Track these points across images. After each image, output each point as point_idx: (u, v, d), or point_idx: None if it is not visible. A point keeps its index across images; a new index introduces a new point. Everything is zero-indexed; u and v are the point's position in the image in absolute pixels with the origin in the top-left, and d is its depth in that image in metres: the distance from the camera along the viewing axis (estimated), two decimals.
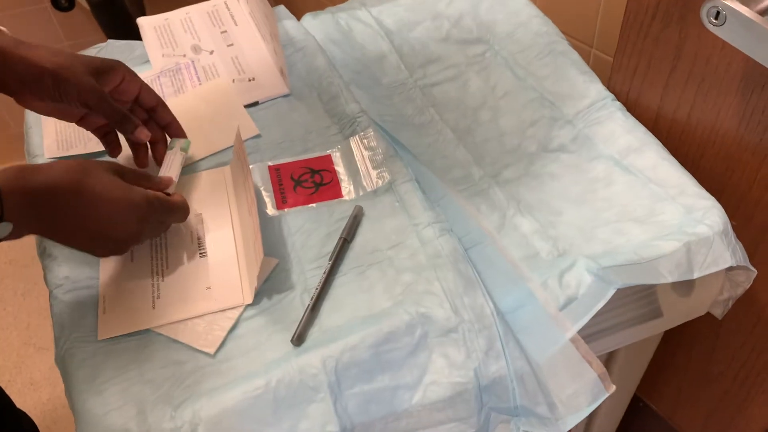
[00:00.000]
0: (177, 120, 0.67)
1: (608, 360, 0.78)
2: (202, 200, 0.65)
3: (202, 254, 0.60)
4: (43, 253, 0.62)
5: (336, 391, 0.51)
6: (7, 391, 0.84)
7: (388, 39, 0.84)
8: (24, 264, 1.61)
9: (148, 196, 0.56)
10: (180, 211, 0.60)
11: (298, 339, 0.53)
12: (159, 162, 0.65)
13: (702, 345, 0.83)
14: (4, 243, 0.50)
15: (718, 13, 0.51)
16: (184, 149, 0.66)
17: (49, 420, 1.31)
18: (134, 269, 0.59)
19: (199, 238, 0.61)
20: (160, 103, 0.66)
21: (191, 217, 0.62)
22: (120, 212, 0.53)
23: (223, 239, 0.61)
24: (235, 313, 0.56)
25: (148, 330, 0.55)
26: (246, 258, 0.59)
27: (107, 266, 0.59)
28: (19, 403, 0.89)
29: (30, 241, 0.60)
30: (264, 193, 0.66)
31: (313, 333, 0.53)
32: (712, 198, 0.63)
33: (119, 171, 0.55)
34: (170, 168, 0.64)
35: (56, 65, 0.58)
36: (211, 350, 0.53)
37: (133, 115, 0.64)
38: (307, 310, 0.54)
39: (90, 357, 0.54)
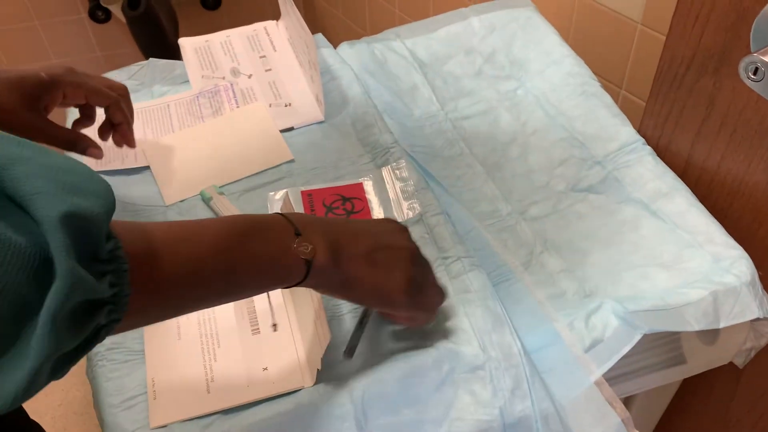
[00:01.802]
0: (129, 119, 0.66)
1: (626, 403, 0.78)
2: None
3: (255, 331, 0.57)
4: None
5: (362, 421, 0.51)
6: None
7: (422, 71, 0.85)
8: None
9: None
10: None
11: (349, 352, 0.53)
12: (120, 143, 0.67)
13: (721, 392, 0.83)
14: None
15: (756, 69, 0.52)
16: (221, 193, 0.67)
17: (60, 426, 1.32)
18: (184, 348, 0.56)
19: (250, 313, 0.58)
20: (113, 103, 0.65)
21: None
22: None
23: (277, 315, 0.58)
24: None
25: None
26: (304, 337, 0.55)
27: (152, 345, 0.56)
28: (32, 408, 0.89)
29: None
30: None
31: (342, 364, 0.54)
32: (740, 248, 0.63)
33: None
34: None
35: None
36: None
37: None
38: (357, 325, 0.54)
39: (121, 371, 0.55)
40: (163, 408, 0.52)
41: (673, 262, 0.64)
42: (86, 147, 0.63)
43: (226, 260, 0.40)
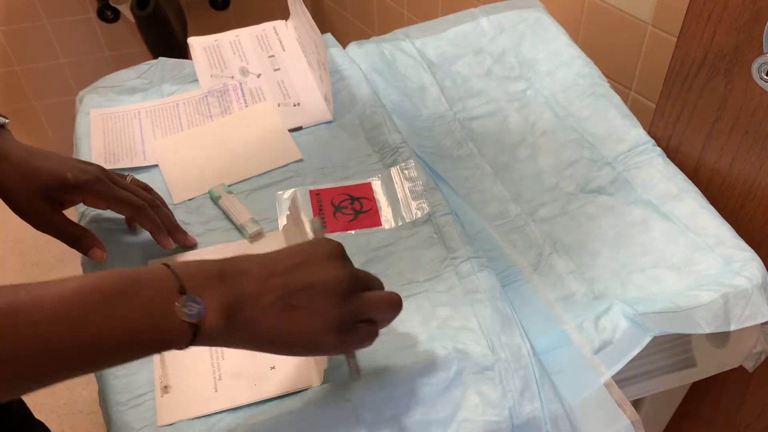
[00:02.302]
0: (158, 226, 0.62)
1: (635, 405, 0.78)
2: None
3: None
4: (86, 262, 0.63)
5: (368, 421, 0.51)
6: (26, 395, 0.85)
7: (430, 71, 0.85)
8: (49, 267, 1.63)
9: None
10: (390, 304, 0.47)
11: (356, 373, 0.50)
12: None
13: (731, 396, 0.82)
14: (29, 244, 0.49)
15: None
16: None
17: (66, 425, 1.32)
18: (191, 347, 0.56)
19: None
20: (137, 212, 0.61)
21: None
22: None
23: None
24: None
25: None
26: None
27: None
28: (37, 406, 0.89)
29: (56, 244, 0.61)
30: (304, 218, 0.67)
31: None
32: (751, 250, 0.63)
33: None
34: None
35: (5, 188, 0.57)
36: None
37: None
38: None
39: (128, 369, 0.54)
40: (171, 406, 0.52)
41: (684, 264, 0.63)
42: (90, 247, 0.60)
43: (80, 329, 0.36)
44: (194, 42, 0.85)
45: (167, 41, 1.40)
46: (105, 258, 0.61)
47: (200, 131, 0.75)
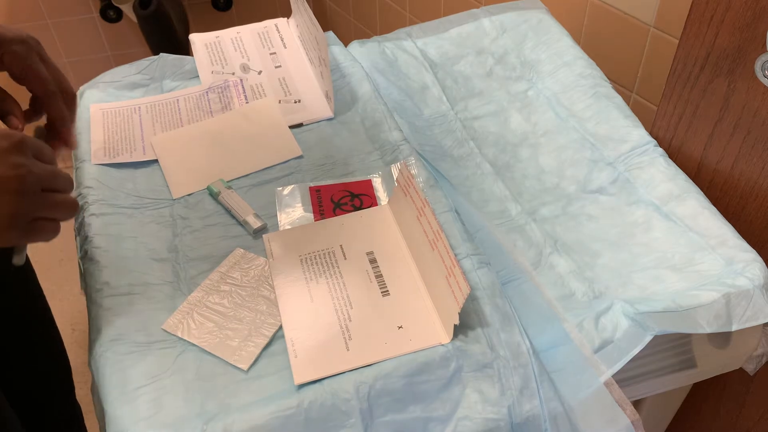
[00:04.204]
0: (65, 117, 0.58)
1: (635, 406, 0.77)
2: (369, 239, 0.63)
3: (384, 293, 0.58)
4: (84, 257, 0.63)
5: (367, 418, 0.50)
6: None
7: (432, 71, 0.85)
8: (48, 266, 1.62)
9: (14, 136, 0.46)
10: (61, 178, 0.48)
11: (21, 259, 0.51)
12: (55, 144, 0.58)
13: (731, 399, 0.81)
14: (29, 244, 0.49)
15: None
16: None
17: None
18: (317, 309, 0.57)
19: (377, 277, 0.59)
20: (49, 94, 0.57)
21: (363, 254, 0.61)
22: None
23: (403, 277, 0.59)
24: (271, 331, 0.56)
25: (181, 339, 0.56)
26: (437, 294, 0.56)
27: (287, 306, 0.57)
28: None
29: (55, 243, 0.60)
30: (304, 213, 0.66)
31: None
32: (754, 251, 0.62)
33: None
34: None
35: None
36: (245, 366, 0.54)
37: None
38: None
39: (124, 363, 0.54)
40: (306, 366, 0.53)
41: (685, 264, 0.63)
42: (8, 112, 0.56)
43: None
44: (195, 38, 0.85)
45: (169, 41, 1.40)
46: (21, 128, 0.57)
47: (200, 127, 0.75)
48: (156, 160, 0.72)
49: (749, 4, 0.58)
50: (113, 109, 0.78)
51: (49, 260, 1.63)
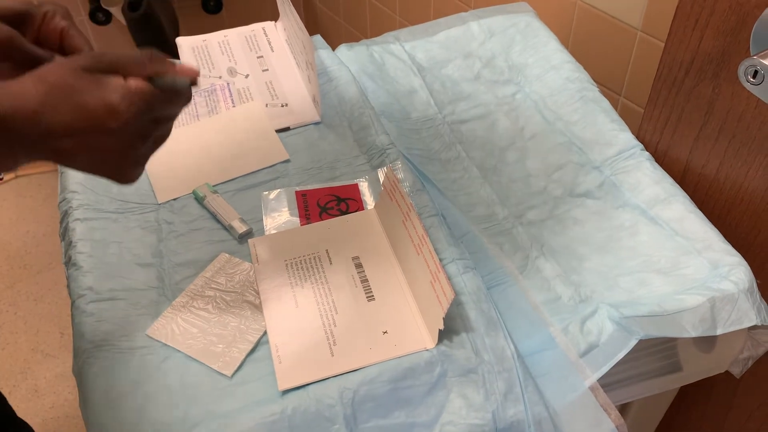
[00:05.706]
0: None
1: (622, 411, 0.77)
2: (355, 244, 0.63)
3: (370, 298, 0.58)
4: (68, 262, 0.62)
5: (351, 423, 0.50)
6: (11, 398, 0.84)
7: (420, 75, 0.85)
8: (38, 270, 1.62)
9: (125, 91, 0.44)
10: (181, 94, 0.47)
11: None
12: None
13: (718, 403, 0.82)
14: (19, 247, 0.47)
15: (756, 72, 0.52)
16: None
17: (52, 429, 1.31)
18: (302, 315, 0.57)
19: (363, 282, 0.59)
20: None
21: (349, 259, 0.61)
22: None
23: (389, 282, 0.59)
24: (256, 336, 0.56)
25: (165, 345, 0.55)
26: (422, 299, 0.56)
27: (272, 311, 0.57)
28: (22, 409, 0.88)
29: (44, 247, 0.60)
30: (290, 218, 0.66)
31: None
32: (739, 255, 0.63)
33: (89, 67, 0.43)
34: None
35: None
36: (228, 372, 0.53)
37: None
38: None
39: (107, 370, 0.54)
40: (290, 371, 0.52)
41: (671, 268, 0.63)
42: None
43: None
44: (182, 42, 0.85)
45: (158, 43, 1.39)
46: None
47: (186, 131, 0.75)
48: None
49: (733, 9, 0.59)
50: None
51: (38, 265, 1.62)
